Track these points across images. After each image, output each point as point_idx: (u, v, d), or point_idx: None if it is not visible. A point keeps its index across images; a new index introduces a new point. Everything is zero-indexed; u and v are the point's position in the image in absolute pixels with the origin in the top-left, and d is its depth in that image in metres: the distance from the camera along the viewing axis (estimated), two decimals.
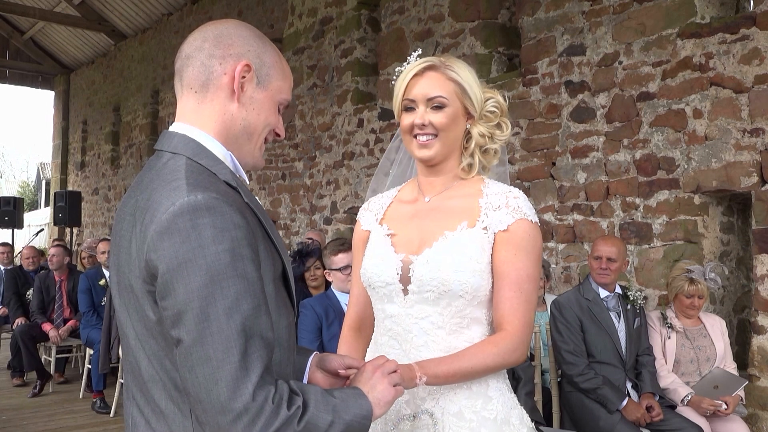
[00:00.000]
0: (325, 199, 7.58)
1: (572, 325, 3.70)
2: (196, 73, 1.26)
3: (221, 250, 1.08)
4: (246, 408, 1.05)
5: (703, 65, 4.25)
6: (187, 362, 1.07)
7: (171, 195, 1.12)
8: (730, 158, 4.11)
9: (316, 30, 7.84)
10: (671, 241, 4.44)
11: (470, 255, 1.53)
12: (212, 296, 1.07)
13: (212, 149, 1.24)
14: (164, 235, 1.09)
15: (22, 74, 15.79)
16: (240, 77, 1.25)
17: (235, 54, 1.25)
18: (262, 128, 1.30)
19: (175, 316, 1.08)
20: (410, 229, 1.63)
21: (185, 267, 1.07)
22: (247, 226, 1.14)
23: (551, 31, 5.19)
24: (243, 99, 1.26)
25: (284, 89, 1.33)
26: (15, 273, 7.11)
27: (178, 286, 1.07)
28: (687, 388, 3.62)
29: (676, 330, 3.77)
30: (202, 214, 1.09)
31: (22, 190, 33.33)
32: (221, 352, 1.06)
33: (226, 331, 1.06)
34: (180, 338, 1.08)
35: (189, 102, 1.27)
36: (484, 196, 1.60)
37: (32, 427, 5.18)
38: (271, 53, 1.31)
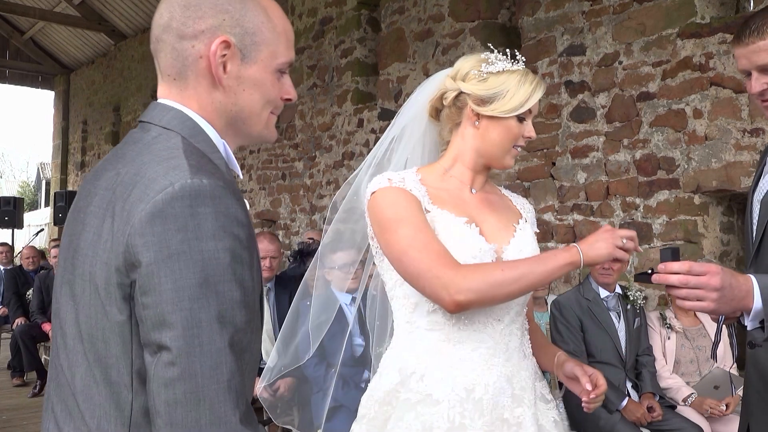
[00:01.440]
0: (325, 199, 7.58)
1: (572, 325, 3.70)
2: (171, 60, 1.06)
3: (221, 248, 0.92)
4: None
5: (703, 65, 4.25)
6: (167, 374, 0.89)
7: (169, 173, 0.94)
8: (730, 158, 4.11)
9: (316, 30, 7.84)
10: (671, 241, 4.44)
11: (535, 247, 1.66)
12: (205, 299, 0.90)
13: (209, 134, 1.07)
14: (156, 219, 0.91)
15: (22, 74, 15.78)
16: (219, 57, 1.04)
17: (208, 29, 1.04)
18: (260, 108, 1.10)
19: (159, 317, 0.90)
20: (485, 219, 1.64)
21: (177, 260, 0.90)
22: (249, 226, 0.99)
23: (551, 31, 5.19)
24: (228, 82, 1.06)
25: (279, 52, 1.10)
26: (15, 273, 7.11)
27: (165, 281, 0.90)
28: (689, 389, 3.62)
29: (675, 330, 3.78)
30: (205, 201, 0.93)
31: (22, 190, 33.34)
32: (209, 368, 0.90)
33: (217, 343, 0.90)
34: (163, 344, 0.90)
35: (171, 90, 1.08)
36: (507, 197, 1.76)
37: (32, 427, 5.18)
38: (253, 14, 1.07)
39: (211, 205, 0.93)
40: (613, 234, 1.44)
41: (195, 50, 1.05)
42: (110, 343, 0.96)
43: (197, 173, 0.94)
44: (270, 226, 8.66)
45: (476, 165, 1.66)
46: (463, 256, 1.52)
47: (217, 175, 0.97)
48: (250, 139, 1.15)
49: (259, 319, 1.05)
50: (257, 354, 1.07)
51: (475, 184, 1.68)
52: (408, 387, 1.54)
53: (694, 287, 1.35)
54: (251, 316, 0.96)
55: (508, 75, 1.59)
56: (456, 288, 1.40)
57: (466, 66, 1.62)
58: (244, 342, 0.95)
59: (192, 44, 1.05)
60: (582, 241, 1.47)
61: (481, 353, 1.54)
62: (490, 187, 1.74)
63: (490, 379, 1.53)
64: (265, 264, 4.13)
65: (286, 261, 5.59)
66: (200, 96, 1.07)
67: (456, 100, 1.63)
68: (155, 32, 1.08)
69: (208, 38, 1.04)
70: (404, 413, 1.52)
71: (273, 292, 4.23)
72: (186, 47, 1.05)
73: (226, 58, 1.05)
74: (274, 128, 1.16)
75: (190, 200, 0.92)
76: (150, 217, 0.91)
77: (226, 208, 0.95)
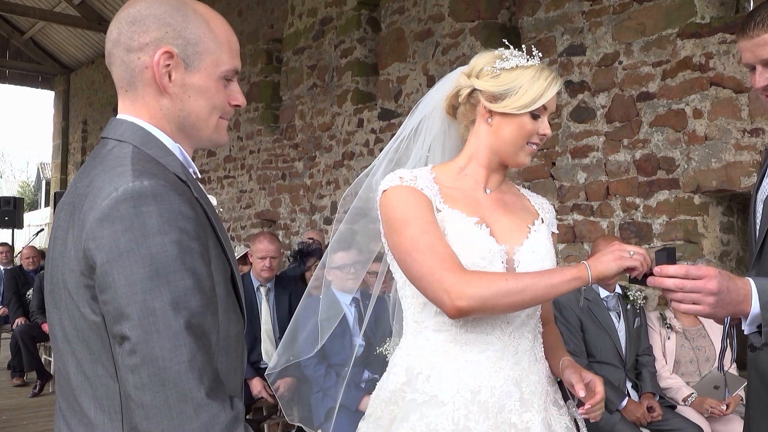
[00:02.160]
0: (325, 199, 7.58)
1: (572, 325, 3.70)
2: (121, 73, 1.14)
3: (167, 241, 0.99)
4: (196, 413, 0.96)
5: (703, 65, 4.25)
6: (130, 361, 0.97)
7: (114, 180, 1.02)
8: (730, 158, 4.11)
9: (316, 30, 7.84)
10: (671, 241, 4.44)
11: (551, 248, 1.66)
12: (157, 290, 0.97)
13: (161, 139, 1.14)
14: (104, 222, 0.99)
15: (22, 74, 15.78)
16: (162, 67, 1.11)
17: (151, 41, 1.11)
18: (207, 113, 1.16)
19: (117, 311, 0.98)
20: (497, 219, 1.61)
21: (126, 257, 0.97)
22: (197, 219, 1.05)
23: (551, 31, 5.19)
24: (173, 89, 1.13)
25: (222, 60, 1.16)
26: (15, 273, 7.11)
27: (118, 277, 0.97)
28: (689, 389, 3.62)
29: (675, 330, 3.78)
30: (147, 201, 0.99)
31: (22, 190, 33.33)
32: (168, 350, 0.96)
33: (173, 327, 0.97)
34: (123, 335, 0.98)
35: (124, 101, 1.16)
36: (525, 197, 1.75)
37: (32, 427, 5.18)
38: (195, 25, 1.14)
39: (153, 204, 1.00)
40: (621, 248, 1.42)
41: (141, 62, 1.12)
42: (90, 341, 1.05)
43: (139, 176, 1.02)
44: (270, 226, 8.65)
45: (491, 163, 1.64)
46: (472, 257, 1.51)
47: (159, 176, 1.04)
48: (202, 142, 1.21)
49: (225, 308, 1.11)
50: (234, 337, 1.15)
51: (491, 183, 1.66)
52: (414, 387, 1.53)
53: (690, 291, 1.32)
54: (208, 300, 1.03)
55: (522, 71, 1.57)
56: (458, 293, 1.39)
57: (481, 62, 1.61)
58: (205, 325, 1.01)
59: (138, 56, 1.12)
60: (590, 257, 1.47)
61: (489, 356, 1.52)
62: (507, 187, 1.72)
63: (497, 382, 1.51)
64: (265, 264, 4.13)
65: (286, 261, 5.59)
66: (149, 104, 1.14)
67: (470, 96, 1.61)
68: (107, 47, 1.16)
69: (152, 50, 1.11)
70: (409, 414, 1.51)
71: (273, 292, 4.23)
72: (133, 59, 1.12)
73: (170, 67, 1.12)
74: (225, 132, 1.23)
75: (134, 201, 0.99)
76: (99, 222, 1.00)
77: (169, 204, 1.01)
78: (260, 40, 8.84)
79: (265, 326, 4.13)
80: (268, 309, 4.18)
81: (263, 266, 4.13)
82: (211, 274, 1.05)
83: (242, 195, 9.16)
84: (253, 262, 4.24)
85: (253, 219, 8.93)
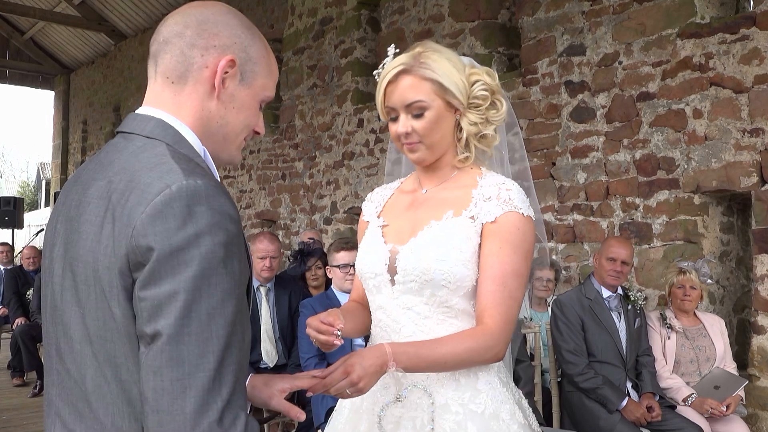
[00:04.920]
0: (325, 199, 7.58)
1: (573, 325, 3.70)
2: (174, 63, 1.13)
3: (216, 243, 0.98)
4: (210, 428, 0.93)
5: (703, 65, 4.25)
6: (155, 362, 0.94)
7: (164, 177, 1.00)
8: (730, 158, 4.11)
9: (316, 30, 7.84)
10: (671, 241, 4.44)
11: (454, 244, 1.49)
12: (199, 291, 0.95)
13: (189, 140, 1.13)
14: (157, 219, 0.97)
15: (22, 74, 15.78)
16: (222, 73, 1.13)
17: (219, 46, 1.14)
18: (240, 129, 1.19)
19: (155, 308, 0.95)
20: (403, 219, 1.62)
21: (178, 255, 0.95)
22: (240, 223, 1.05)
23: (551, 31, 5.20)
24: (223, 96, 1.15)
25: (269, 86, 1.22)
26: (15, 273, 7.11)
27: (166, 275, 0.95)
28: (689, 389, 3.62)
29: (675, 330, 3.78)
30: (200, 201, 0.98)
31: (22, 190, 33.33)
32: (196, 356, 0.94)
33: (205, 332, 0.95)
34: (156, 332, 0.95)
35: (164, 91, 1.15)
36: (478, 187, 1.56)
37: (32, 427, 5.18)
38: (258, 46, 1.19)
39: (206, 204, 0.99)
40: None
41: (203, 59, 1.13)
42: (118, 343, 1.01)
43: (191, 175, 1.01)
44: (270, 226, 8.65)
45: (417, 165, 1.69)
46: (365, 260, 1.61)
47: (208, 176, 1.04)
48: (220, 156, 1.21)
49: (247, 310, 1.10)
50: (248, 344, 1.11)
51: (426, 183, 1.63)
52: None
53: None
54: (240, 307, 1.01)
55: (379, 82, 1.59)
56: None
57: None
58: (237, 334, 1.00)
59: (201, 53, 1.13)
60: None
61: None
62: (455, 182, 1.61)
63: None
64: (265, 264, 4.12)
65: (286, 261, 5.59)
66: (193, 101, 1.14)
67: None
68: (164, 35, 1.15)
69: (218, 53, 1.13)
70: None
71: (273, 292, 4.23)
72: (195, 54, 1.13)
73: (228, 75, 1.14)
74: (240, 153, 1.25)
75: (187, 200, 0.98)
76: (151, 219, 0.97)
77: (219, 205, 1.00)
78: None
79: (264, 326, 4.13)
80: (268, 309, 4.18)
81: (263, 266, 4.13)
82: (244, 282, 1.04)
83: (242, 195, 9.16)
84: (253, 262, 4.24)
85: (253, 219, 8.93)
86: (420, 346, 1.43)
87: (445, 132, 1.55)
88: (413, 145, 1.55)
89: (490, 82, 1.57)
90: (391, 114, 1.56)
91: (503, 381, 1.57)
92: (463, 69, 1.56)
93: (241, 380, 1.01)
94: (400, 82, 1.52)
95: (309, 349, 3.46)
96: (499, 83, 1.61)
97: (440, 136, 1.55)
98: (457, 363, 1.45)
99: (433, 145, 1.55)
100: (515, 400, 1.56)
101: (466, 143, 1.58)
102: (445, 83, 1.51)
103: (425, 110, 1.51)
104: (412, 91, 1.51)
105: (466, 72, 1.56)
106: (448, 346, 1.43)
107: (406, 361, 1.39)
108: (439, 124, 1.53)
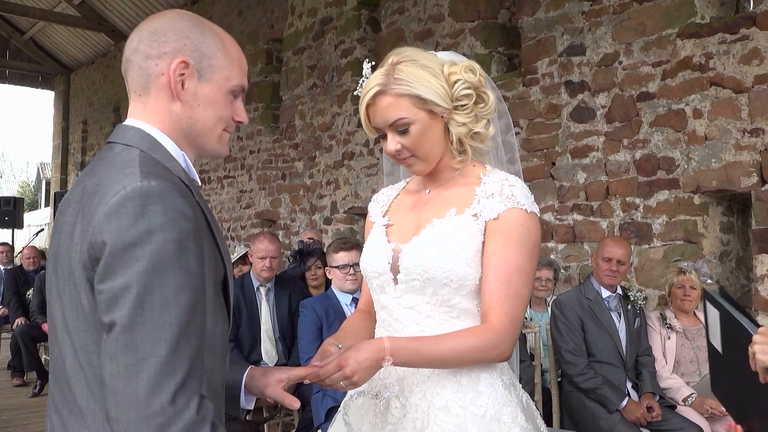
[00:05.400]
0: (325, 199, 7.58)
1: (573, 325, 3.70)
2: (137, 77, 1.22)
3: (168, 239, 1.05)
4: (162, 408, 1.00)
5: (703, 65, 4.25)
6: (112, 348, 1.02)
7: (123, 180, 1.09)
8: (730, 158, 4.11)
9: (316, 30, 7.84)
10: (671, 241, 4.44)
11: (456, 242, 1.48)
12: (151, 284, 1.03)
13: (166, 146, 1.21)
14: (112, 217, 1.05)
15: (22, 74, 15.78)
16: (177, 75, 1.20)
17: (170, 51, 1.20)
18: (213, 123, 1.25)
19: (111, 300, 1.03)
20: (407, 219, 1.62)
21: (129, 251, 1.03)
22: (196, 220, 1.11)
23: (551, 31, 5.19)
24: (185, 97, 1.21)
25: (233, 76, 1.25)
26: (15, 273, 7.11)
27: (119, 269, 1.03)
28: (689, 389, 3.62)
29: (675, 330, 3.78)
30: (153, 200, 1.06)
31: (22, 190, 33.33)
32: (149, 343, 1.01)
33: (158, 321, 1.02)
34: (113, 321, 1.03)
35: (136, 105, 1.24)
36: (481, 184, 1.54)
37: (32, 427, 5.18)
38: (211, 42, 1.24)
39: (159, 203, 1.06)
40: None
41: (158, 68, 1.20)
42: (87, 332, 1.12)
43: (147, 177, 1.08)
44: (270, 226, 8.65)
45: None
46: (371, 258, 1.60)
47: (165, 178, 1.11)
48: (204, 152, 1.29)
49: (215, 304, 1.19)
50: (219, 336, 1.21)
51: (429, 183, 1.63)
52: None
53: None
54: (196, 299, 1.08)
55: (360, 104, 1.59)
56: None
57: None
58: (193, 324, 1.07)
59: (156, 63, 1.21)
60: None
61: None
62: (458, 180, 1.59)
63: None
64: (265, 264, 4.12)
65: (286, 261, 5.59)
66: (159, 109, 1.22)
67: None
68: (126, 54, 1.24)
69: (169, 58, 1.20)
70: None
71: (273, 292, 4.23)
72: (150, 65, 1.21)
73: (184, 76, 1.20)
74: (227, 145, 1.32)
75: (141, 199, 1.06)
76: (107, 217, 1.06)
77: (173, 204, 1.07)
78: (260, 40, 8.84)
79: (264, 326, 4.13)
80: (268, 309, 4.18)
81: (263, 266, 4.13)
82: (203, 275, 1.11)
83: (242, 195, 9.16)
84: (253, 262, 4.24)
85: (253, 219, 8.93)
86: (421, 342, 1.43)
87: (435, 140, 1.53)
88: (407, 159, 1.54)
89: (471, 79, 1.52)
90: (379, 132, 1.56)
91: (506, 383, 1.55)
92: (440, 72, 1.51)
93: (198, 366, 1.07)
94: (379, 103, 1.50)
95: (309, 349, 3.45)
96: (482, 75, 1.55)
97: (431, 145, 1.53)
98: (459, 361, 1.43)
99: (426, 156, 1.54)
100: (519, 403, 1.54)
101: (460, 143, 1.56)
102: (423, 94, 1.48)
103: (409, 125, 1.49)
104: (392, 110, 1.49)
105: (445, 73, 1.52)
106: (450, 343, 1.42)
107: (405, 356, 1.39)
108: (426, 136, 1.51)
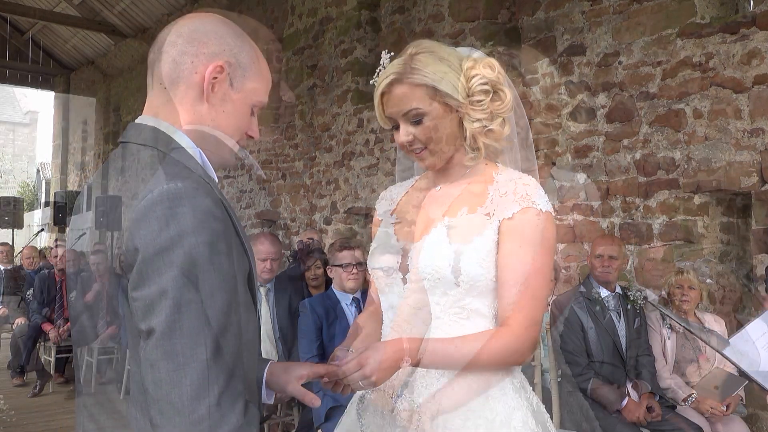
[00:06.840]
0: (325, 199, 7.58)
1: (573, 325, 3.70)
2: (167, 69, 1.20)
3: (200, 242, 1.02)
4: (209, 412, 0.98)
5: (703, 65, 4.25)
6: (152, 356, 1.00)
7: (149, 183, 1.07)
8: (730, 158, 4.10)
9: (316, 30, 7.84)
10: (671, 241, 4.44)
11: (468, 241, 1.44)
12: (186, 288, 1.00)
13: (182, 143, 1.18)
14: (141, 223, 1.03)
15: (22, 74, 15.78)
16: (211, 78, 1.19)
17: (208, 53, 1.20)
18: (232, 131, 1.24)
19: (147, 308, 1.01)
20: (416, 217, 1.58)
21: (162, 256, 1.01)
22: (224, 220, 1.09)
23: (551, 31, 5.19)
24: (213, 100, 1.20)
25: (259, 91, 1.26)
26: (15, 273, 7.11)
27: (153, 275, 1.01)
28: (689, 389, 3.62)
29: (675, 330, 3.78)
30: (182, 202, 1.03)
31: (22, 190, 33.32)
32: (189, 347, 0.99)
33: (196, 325, 1.00)
34: (150, 329, 1.01)
35: (159, 97, 1.21)
36: (494, 183, 1.50)
37: (32, 427, 5.18)
38: (248, 53, 1.25)
39: (188, 204, 1.04)
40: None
41: (193, 65, 1.19)
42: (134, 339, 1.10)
43: (173, 179, 1.06)
44: (270, 226, 8.65)
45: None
46: (379, 257, 1.58)
47: (191, 178, 1.09)
48: (214, 157, 1.25)
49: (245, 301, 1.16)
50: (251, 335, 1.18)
51: (440, 180, 1.59)
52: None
53: None
54: (231, 300, 1.06)
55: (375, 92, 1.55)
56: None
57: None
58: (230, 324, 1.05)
59: (191, 60, 1.20)
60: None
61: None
62: (469, 178, 1.56)
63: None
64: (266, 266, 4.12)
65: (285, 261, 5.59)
66: (185, 106, 1.20)
67: None
68: (160, 44, 1.22)
69: (207, 59, 1.20)
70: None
71: (273, 293, 4.22)
72: (186, 61, 1.20)
73: (217, 80, 1.20)
74: (234, 157, 1.31)
75: (169, 202, 1.03)
76: (136, 223, 1.04)
77: (201, 205, 1.05)
78: (260, 40, 8.84)
79: (264, 326, 4.13)
80: (268, 309, 4.17)
81: (264, 268, 4.13)
82: (234, 275, 1.09)
83: (242, 195, 9.16)
84: None
85: (253, 219, 8.93)
86: (441, 344, 1.40)
87: (448, 134, 1.49)
88: (420, 152, 1.51)
89: (489, 75, 1.50)
90: (392, 122, 1.53)
91: (516, 387, 1.50)
92: (459, 66, 1.48)
93: (239, 367, 1.05)
94: (394, 91, 1.47)
95: (309, 349, 3.45)
96: (501, 73, 1.52)
97: (444, 139, 1.49)
98: (478, 364, 1.40)
99: (438, 149, 1.50)
100: (530, 407, 1.50)
101: (474, 140, 1.51)
102: (438, 86, 1.45)
103: (423, 116, 1.46)
104: (406, 99, 1.46)
105: (464, 67, 1.49)
106: (470, 346, 1.39)
107: (424, 358, 1.37)
108: (439, 128, 1.47)
